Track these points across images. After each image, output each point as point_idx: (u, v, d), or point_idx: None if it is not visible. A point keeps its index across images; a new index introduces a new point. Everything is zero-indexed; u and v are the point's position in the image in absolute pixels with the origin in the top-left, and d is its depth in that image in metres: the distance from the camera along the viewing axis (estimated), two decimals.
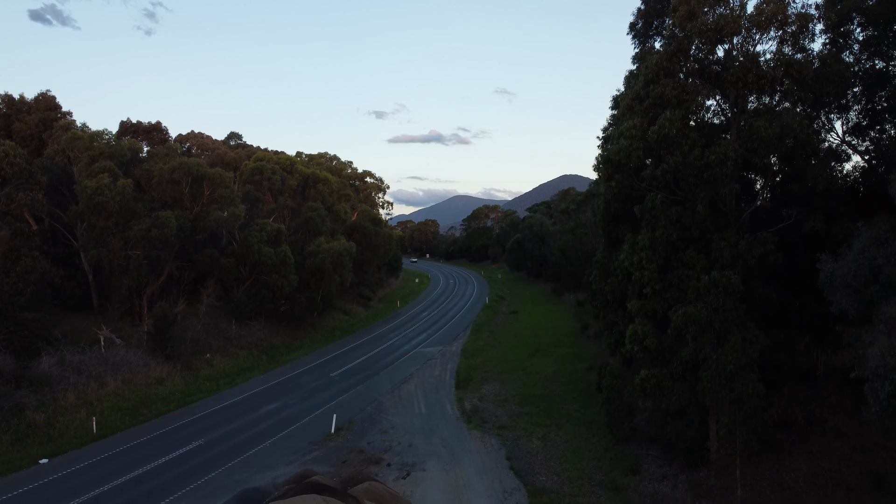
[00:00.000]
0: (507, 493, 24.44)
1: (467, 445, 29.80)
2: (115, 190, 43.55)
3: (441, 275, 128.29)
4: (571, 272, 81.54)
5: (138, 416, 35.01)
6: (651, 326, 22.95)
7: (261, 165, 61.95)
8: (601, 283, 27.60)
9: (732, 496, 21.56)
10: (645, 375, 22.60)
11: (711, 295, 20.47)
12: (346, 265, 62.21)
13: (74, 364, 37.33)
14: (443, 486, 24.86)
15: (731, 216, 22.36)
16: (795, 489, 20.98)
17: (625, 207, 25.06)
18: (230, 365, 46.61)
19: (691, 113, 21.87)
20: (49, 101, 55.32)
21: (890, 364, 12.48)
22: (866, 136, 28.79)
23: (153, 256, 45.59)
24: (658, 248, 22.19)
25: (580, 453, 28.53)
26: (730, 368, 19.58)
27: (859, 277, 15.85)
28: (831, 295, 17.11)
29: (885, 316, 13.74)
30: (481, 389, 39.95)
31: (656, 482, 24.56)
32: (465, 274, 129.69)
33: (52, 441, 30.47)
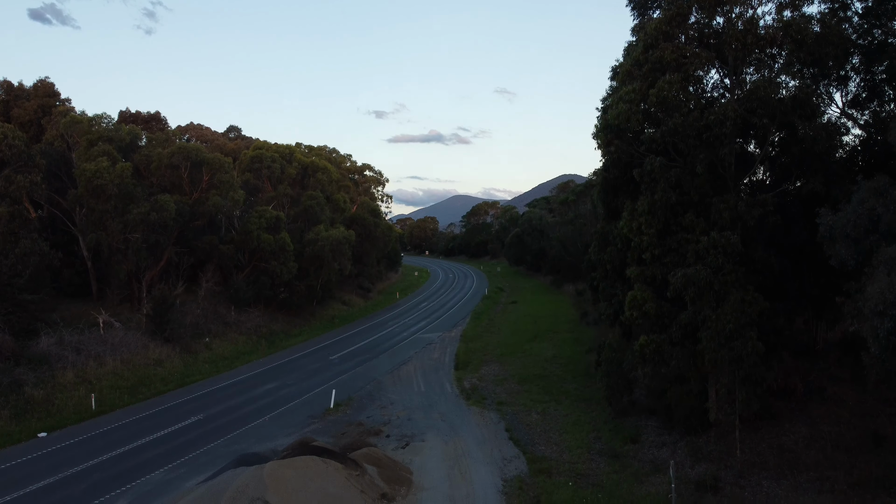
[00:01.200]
0: (507, 460, 24.41)
1: (466, 419, 29.77)
2: (113, 173, 43.49)
3: (440, 270, 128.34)
4: (570, 263, 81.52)
5: (137, 394, 34.99)
6: (650, 292, 22.93)
7: (260, 154, 61.93)
8: (600, 254, 27.60)
9: (732, 459, 21.53)
10: (644, 341, 22.58)
11: (710, 256, 20.46)
12: (345, 253, 62.16)
13: (73, 344, 37.28)
14: (442, 455, 24.83)
15: (730, 180, 22.36)
16: (795, 451, 20.96)
17: (623, 174, 25.05)
18: (229, 349, 46.58)
19: (690, 76, 21.84)
20: (48, 87, 55.29)
21: (889, 300, 12.46)
22: (866, 109, 28.78)
23: (152, 241, 45.52)
24: (657, 212, 22.16)
25: (579, 426, 28.49)
26: (729, 327, 19.58)
27: (859, 227, 15.83)
28: (830, 249, 17.09)
29: (885, 257, 13.73)
30: (480, 370, 39.90)
31: (655, 449, 24.54)
32: (464, 269, 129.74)
33: (50, 416, 30.42)
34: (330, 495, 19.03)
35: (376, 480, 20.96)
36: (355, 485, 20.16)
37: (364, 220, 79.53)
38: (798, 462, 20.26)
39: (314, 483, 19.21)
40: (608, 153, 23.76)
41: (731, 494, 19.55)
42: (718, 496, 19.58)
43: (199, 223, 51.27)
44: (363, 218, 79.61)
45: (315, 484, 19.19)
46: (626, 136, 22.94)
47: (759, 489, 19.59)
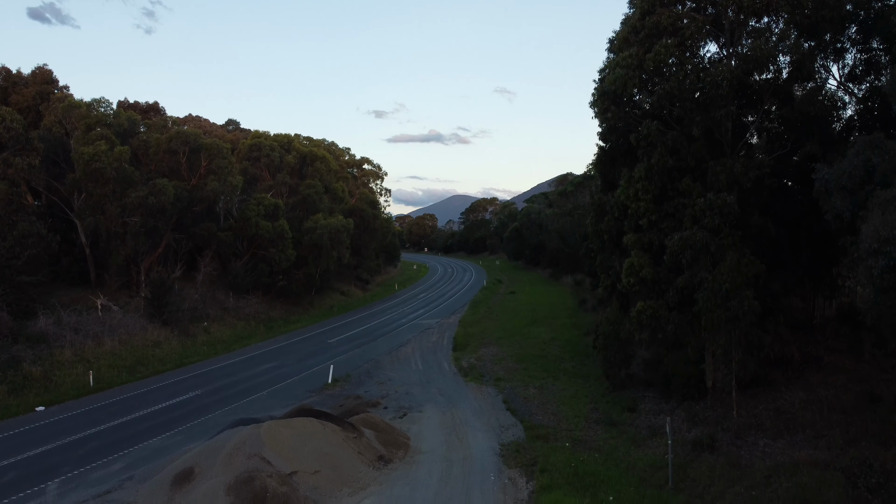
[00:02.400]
0: (504, 427, 24.44)
1: (464, 393, 29.80)
2: (112, 157, 43.48)
3: (439, 265, 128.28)
4: (569, 255, 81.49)
5: (135, 373, 34.99)
6: (647, 258, 22.98)
7: (258, 142, 61.97)
8: (597, 225, 27.62)
9: (728, 421, 21.57)
10: (641, 307, 22.62)
11: (707, 218, 20.51)
12: (343, 242, 62.19)
13: (71, 324, 37.30)
14: (439, 423, 24.85)
15: (726, 146, 22.41)
16: (791, 413, 21.00)
17: (620, 142, 25.08)
18: (228, 333, 46.57)
19: (687, 42, 21.88)
20: (46, 74, 55.20)
21: (884, 236, 12.50)
22: (863, 82, 28.83)
23: (150, 226, 45.51)
24: (654, 177, 22.22)
25: (577, 399, 28.53)
26: (725, 287, 19.62)
27: (854, 178, 15.88)
28: (826, 203, 17.14)
29: (879, 200, 13.77)
30: (479, 352, 39.94)
31: (652, 416, 24.58)
32: (462, 264, 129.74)
33: (48, 392, 30.40)
34: (326, 454, 19.05)
35: (373, 443, 20.99)
36: (352, 446, 20.19)
37: (363, 211, 79.49)
38: (794, 423, 20.30)
39: (311, 442, 19.24)
40: (605, 120, 23.76)
41: (727, 453, 19.59)
42: (715, 454, 19.62)
43: (197, 209, 51.25)
44: (362, 209, 79.56)
45: (312, 443, 19.22)
46: (622, 103, 22.99)
47: (755, 448, 19.64)
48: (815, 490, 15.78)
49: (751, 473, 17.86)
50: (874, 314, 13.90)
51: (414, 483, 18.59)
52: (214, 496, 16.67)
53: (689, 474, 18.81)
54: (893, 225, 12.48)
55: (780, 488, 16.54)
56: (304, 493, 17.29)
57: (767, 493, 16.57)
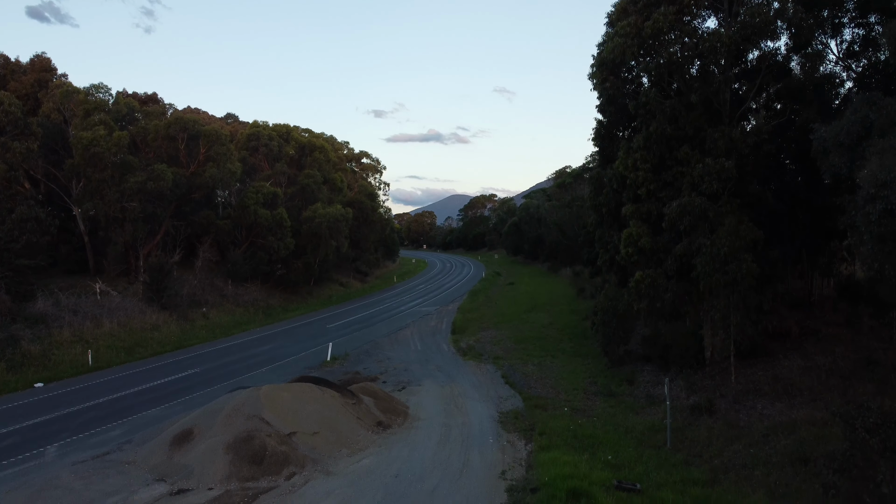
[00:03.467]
0: (503, 398, 24.47)
1: (463, 370, 29.83)
2: (111, 141, 43.48)
3: (438, 261, 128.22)
4: (568, 247, 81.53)
5: (134, 353, 34.97)
6: (646, 228, 23.01)
7: (257, 131, 61.97)
8: (595, 199, 27.64)
9: (726, 388, 21.59)
10: (640, 276, 22.65)
11: (705, 183, 20.54)
12: (342, 231, 62.17)
13: (70, 306, 37.29)
14: (438, 395, 24.87)
15: (725, 114, 22.44)
16: (789, 378, 21.01)
17: (618, 114, 25.11)
18: (226, 319, 46.54)
19: (685, 9, 21.90)
20: (44, 62, 55.23)
21: (881, 180, 12.53)
22: (861, 58, 28.89)
23: (149, 212, 45.50)
24: (652, 146, 22.25)
25: (575, 374, 28.57)
26: (724, 251, 19.65)
27: (852, 134, 15.90)
28: (823, 162, 17.15)
29: (877, 148, 13.80)
30: (478, 335, 39.96)
31: (651, 387, 24.63)
32: (461, 260, 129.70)
33: (47, 370, 30.39)
34: (325, 417, 19.06)
35: (372, 409, 20.99)
36: (351, 411, 20.20)
37: (361, 203, 79.49)
38: (792, 388, 20.31)
39: (310, 405, 19.24)
40: (603, 90, 23.79)
41: (725, 416, 19.62)
42: (713, 418, 19.66)
43: (196, 196, 51.25)
44: (360, 201, 79.57)
45: (311, 406, 19.22)
46: (621, 72, 23.02)
47: (753, 411, 19.66)
48: (813, 443, 15.83)
49: (749, 433, 17.91)
50: (872, 265, 13.93)
51: (413, 445, 18.60)
52: (213, 454, 16.68)
53: (687, 436, 18.85)
54: (891, 168, 12.51)
55: (779, 445, 16.58)
56: (303, 453, 17.30)
57: (766, 449, 16.60)
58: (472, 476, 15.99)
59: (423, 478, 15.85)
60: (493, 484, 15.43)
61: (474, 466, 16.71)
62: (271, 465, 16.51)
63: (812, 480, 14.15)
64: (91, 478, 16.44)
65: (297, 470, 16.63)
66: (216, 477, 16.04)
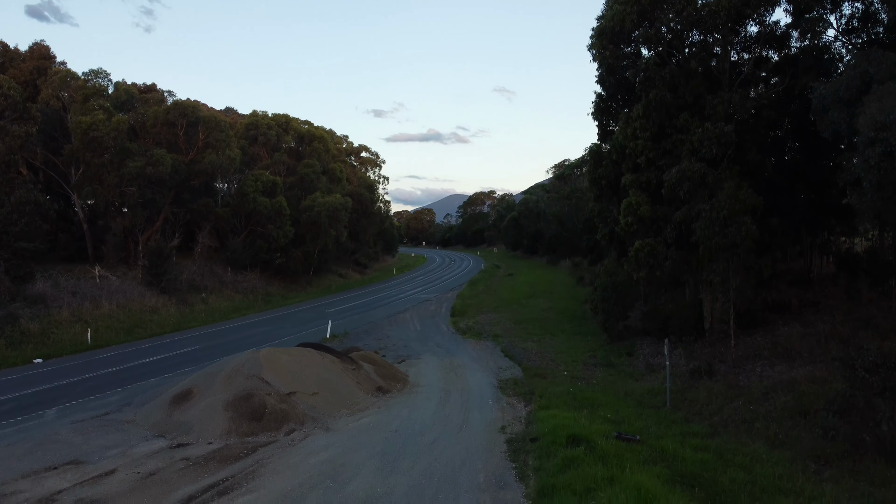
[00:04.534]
0: (502, 369, 24.47)
1: (462, 346, 29.84)
2: (110, 126, 43.43)
3: (437, 256, 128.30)
4: (567, 239, 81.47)
5: (133, 334, 34.96)
6: (645, 196, 23.02)
7: (256, 120, 61.97)
8: (594, 172, 27.64)
9: (726, 354, 21.60)
10: (639, 245, 22.66)
11: (705, 148, 20.55)
12: (341, 220, 62.15)
13: (69, 288, 37.30)
14: (438, 366, 24.87)
15: (724, 82, 22.46)
16: (789, 343, 21.00)
17: (618, 85, 25.10)
18: (225, 304, 46.53)
19: None
20: (43, 50, 55.05)
21: (881, 122, 12.54)
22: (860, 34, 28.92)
23: (148, 197, 45.47)
24: (652, 114, 22.26)
25: (575, 349, 28.57)
26: (723, 214, 19.66)
27: (851, 89, 15.91)
28: (822, 120, 17.16)
29: (876, 93, 13.82)
30: (477, 317, 39.98)
31: (650, 357, 24.65)
32: (460, 255, 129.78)
33: (46, 347, 30.38)
34: (325, 380, 19.05)
35: (372, 375, 20.99)
36: (351, 376, 20.19)
37: (361, 195, 79.46)
38: (792, 351, 20.32)
39: (309, 368, 19.23)
40: (603, 59, 23.76)
41: (725, 378, 19.64)
42: (713, 380, 19.67)
43: (195, 183, 51.24)
44: (359, 193, 79.51)
45: (310, 369, 19.22)
46: (620, 42, 23.02)
47: (752, 373, 19.67)
48: (813, 398, 15.83)
49: (748, 392, 17.92)
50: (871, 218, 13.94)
51: (412, 406, 18.60)
52: (213, 411, 16.66)
53: (686, 397, 18.87)
54: (891, 111, 12.52)
55: (779, 401, 16.59)
56: (303, 411, 17.29)
57: (765, 405, 16.62)
58: (472, 431, 15.99)
59: (423, 433, 15.85)
60: (493, 437, 15.43)
61: (474, 423, 16.72)
62: (271, 422, 16.51)
63: (812, 429, 14.15)
64: (90, 434, 16.42)
65: (296, 427, 16.63)
66: (216, 432, 16.03)
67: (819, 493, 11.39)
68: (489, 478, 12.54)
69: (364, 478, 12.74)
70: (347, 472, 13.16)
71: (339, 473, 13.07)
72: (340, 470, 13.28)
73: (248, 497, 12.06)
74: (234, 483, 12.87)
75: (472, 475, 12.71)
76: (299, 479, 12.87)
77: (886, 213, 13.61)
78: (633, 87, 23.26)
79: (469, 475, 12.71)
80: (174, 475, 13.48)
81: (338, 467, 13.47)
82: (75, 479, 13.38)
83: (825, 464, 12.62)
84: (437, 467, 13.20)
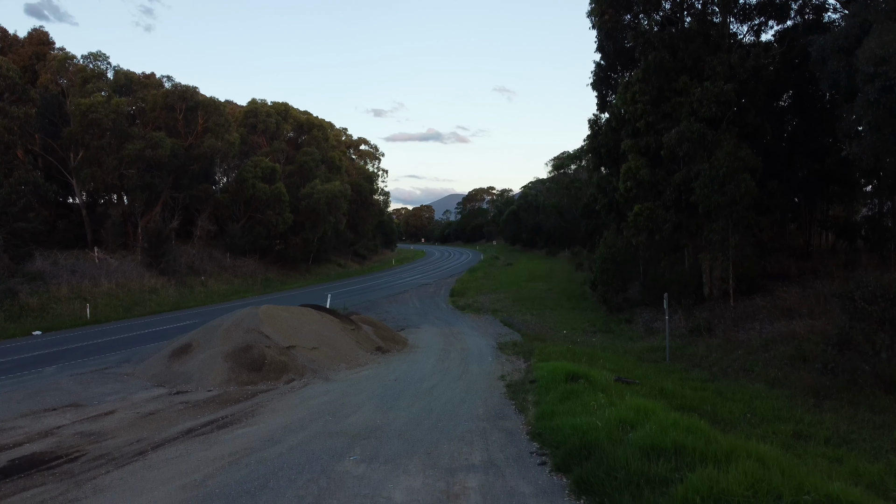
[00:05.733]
0: (501, 335, 24.48)
1: (462, 319, 29.85)
2: (109, 107, 43.41)
3: (436, 251, 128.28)
4: (566, 230, 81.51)
5: (132, 311, 34.96)
6: (644, 161, 23.04)
7: (255, 108, 61.96)
8: (594, 141, 27.67)
9: (726, 314, 21.61)
10: (638, 209, 22.69)
11: (704, 108, 20.57)
12: (340, 207, 62.16)
13: (69, 266, 37.27)
14: (437, 333, 24.88)
15: (724, 46, 22.46)
16: (788, 303, 21.01)
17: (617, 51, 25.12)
18: (224, 288, 46.53)
19: None
20: (42, 35, 54.97)
21: (880, 56, 12.55)
22: None
23: (147, 181, 45.42)
24: (651, 77, 22.28)
25: (574, 321, 28.57)
26: (723, 172, 19.68)
27: (850, 37, 15.94)
28: (822, 72, 17.19)
29: (875, 32, 13.83)
30: (476, 297, 39.99)
31: (649, 323, 24.65)
32: (459, 250, 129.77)
33: (45, 321, 30.36)
34: (324, 336, 19.05)
35: (372, 336, 20.99)
36: (351, 336, 20.19)
37: (360, 186, 79.47)
38: (791, 310, 20.32)
39: (309, 325, 19.24)
40: (602, 24, 23.78)
41: (724, 335, 19.66)
42: (712, 337, 19.67)
43: (194, 168, 51.17)
44: (358, 184, 79.52)
45: (310, 326, 19.22)
46: (619, 6, 23.04)
47: (752, 330, 19.69)
48: (811, 346, 15.84)
49: (748, 345, 17.94)
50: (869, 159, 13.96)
51: (412, 362, 18.61)
52: (212, 362, 16.66)
53: (685, 353, 18.89)
54: (890, 44, 12.54)
55: (778, 351, 16.61)
56: (302, 363, 17.29)
57: (765, 355, 16.64)
58: (472, 378, 16.00)
59: (422, 380, 15.87)
60: (493, 383, 15.44)
61: (473, 373, 16.73)
62: (270, 372, 16.50)
63: (811, 371, 14.17)
64: (90, 384, 16.42)
65: (295, 377, 16.62)
66: (215, 381, 16.02)
67: (818, 421, 11.41)
68: (488, 411, 12.55)
69: (363, 413, 12.74)
70: (347, 409, 13.16)
71: (338, 410, 13.08)
72: (340, 408, 13.28)
73: (247, 429, 12.06)
74: (234, 419, 12.87)
75: (472, 409, 12.72)
76: (299, 415, 12.88)
77: (884, 155, 13.61)
78: (632, 56, 23.30)
79: (468, 409, 12.72)
80: (173, 413, 13.48)
81: (337, 406, 13.48)
82: (74, 417, 13.38)
83: (824, 397, 12.64)
84: (437, 405, 13.21)
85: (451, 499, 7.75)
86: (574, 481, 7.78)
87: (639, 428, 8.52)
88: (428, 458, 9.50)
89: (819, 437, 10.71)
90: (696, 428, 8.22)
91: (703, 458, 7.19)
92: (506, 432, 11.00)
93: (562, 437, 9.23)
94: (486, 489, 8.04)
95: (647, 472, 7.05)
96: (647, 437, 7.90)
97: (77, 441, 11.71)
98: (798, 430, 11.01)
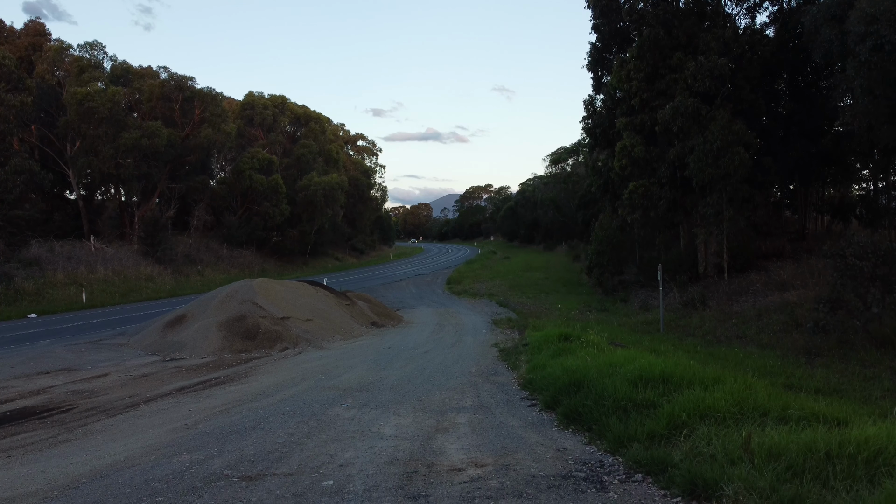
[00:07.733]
0: (497, 314, 24.49)
1: (458, 302, 29.87)
2: (106, 96, 43.35)
3: (434, 248, 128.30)
4: (564, 225, 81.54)
5: (129, 297, 34.94)
6: (639, 138, 23.07)
7: (252, 100, 61.94)
8: (588, 121, 27.70)
9: (721, 288, 21.65)
10: (633, 186, 22.72)
11: (699, 82, 20.60)
12: (338, 199, 62.12)
13: (65, 253, 37.23)
14: (432, 312, 24.91)
15: (718, 22, 22.50)
16: (782, 276, 21.06)
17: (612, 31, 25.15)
18: (221, 277, 46.37)
19: None
20: (39, 27, 54.95)
21: (870, 14, 12.60)
22: None
23: (144, 171, 45.36)
24: (646, 54, 22.31)
25: (569, 303, 28.54)
26: (717, 145, 19.72)
27: (842, 5, 15.96)
28: (815, 41, 17.22)
29: None
30: (473, 285, 39.97)
31: (644, 300, 24.67)
32: (457, 246, 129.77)
33: (41, 305, 30.32)
34: (319, 309, 19.05)
35: (367, 311, 21.01)
36: (346, 310, 20.20)
37: (357, 180, 79.45)
38: (785, 283, 20.38)
39: (304, 299, 19.25)
40: (596, 1, 23.84)
41: (718, 307, 19.69)
42: (706, 310, 19.71)
43: (191, 159, 51.14)
44: (356, 178, 79.49)
45: (304, 300, 19.23)
46: None
47: (746, 303, 19.73)
48: (804, 314, 15.88)
49: (742, 316, 17.98)
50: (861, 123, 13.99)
51: (407, 334, 18.62)
52: (207, 331, 16.66)
53: (680, 324, 18.93)
54: (881, 2, 12.58)
55: (771, 319, 16.65)
56: (297, 333, 17.29)
57: (758, 323, 16.68)
58: (466, 345, 16.04)
59: (417, 347, 15.90)
60: (486, 349, 15.47)
61: (467, 342, 16.75)
62: (264, 341, 16.51)
63: (803, 335, 14.20)
64: (83, 353, 16.42)
65: (289, 346, 16.63)
66: (209, 349, 16.03)
67: (809, 375, 11.45)
68: (481, 369, 12.58)
69: (356, 372, 12.76)
70: (340, 370, 13.18)
71: (331, 371, 13.09)
72: (333, 370, 13.30)
73: (239, 386, 12.08)
74: (226, 380, 12.88)
75: (465, 368, 12.75)
76: (291, 375, 12.90)
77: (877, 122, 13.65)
78: (627, 36, 23.37)
79: (461, 368, 12.76)
80: (167, 375, 13.49)
81: (330, 368, 13.49)
82: (67, 379, 13.39)
83: (816, 355, 12.68)
84: (430, 366, 13.22)
85: (441, 432, 7.77)
86: (562, 413, 7.81)
87: (628, 365, 8.55)
88: (419, 404, 9.53)
89: (809, 388, 10.73)
90: (683, 363, 8.26)
91: (691, 383, 7.22)
92: (497, 385, 11.03)
93: (552, 380, 9.28)
94: (476, 423, 8.07)
95: (634, 398, 7.09)
96: (636, 371, 7.93)
97: (69, 398, 11.73)
98: (789, 382, 11.04)
